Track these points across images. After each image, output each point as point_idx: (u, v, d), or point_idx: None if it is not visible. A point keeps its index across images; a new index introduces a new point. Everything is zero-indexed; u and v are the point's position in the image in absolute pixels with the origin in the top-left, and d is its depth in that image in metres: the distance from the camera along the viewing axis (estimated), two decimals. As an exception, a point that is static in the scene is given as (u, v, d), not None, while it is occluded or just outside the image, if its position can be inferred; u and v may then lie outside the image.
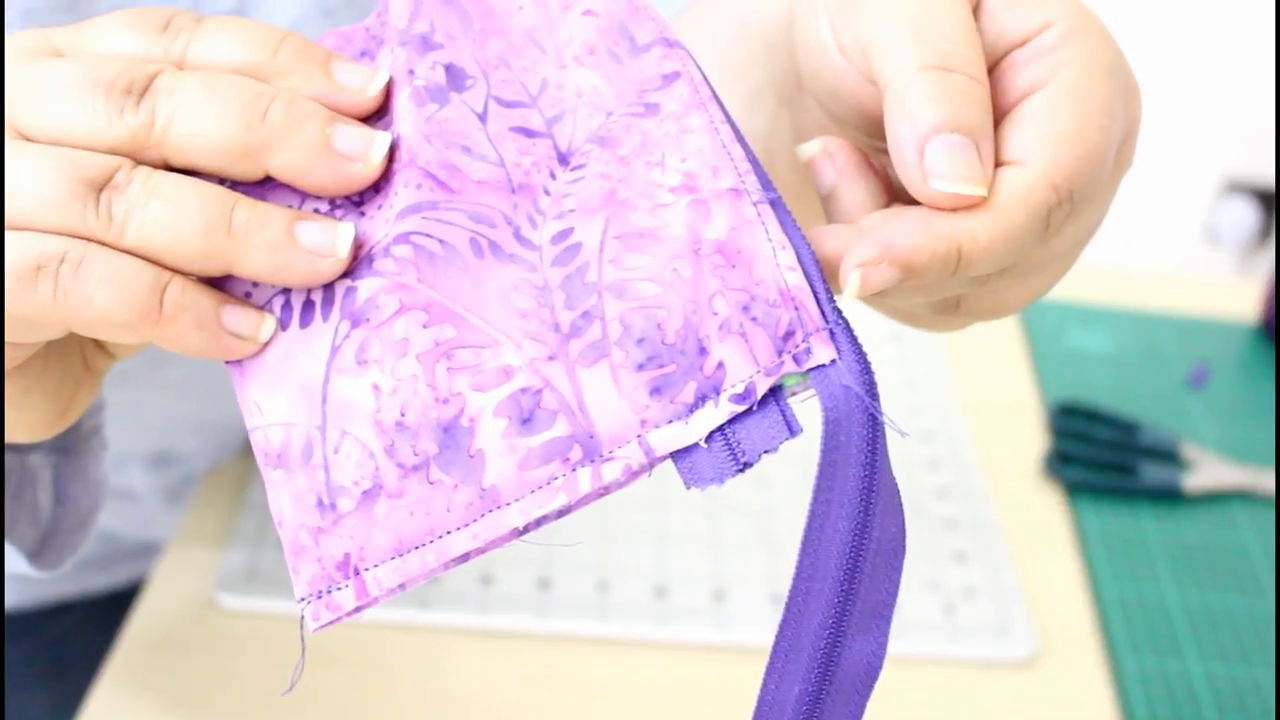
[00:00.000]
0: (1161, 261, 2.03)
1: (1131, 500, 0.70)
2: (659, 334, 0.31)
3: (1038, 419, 0.76)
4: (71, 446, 0.43)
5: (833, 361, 0.31)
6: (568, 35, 0.36)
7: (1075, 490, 0.70)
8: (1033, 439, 0.74)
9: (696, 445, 0.30)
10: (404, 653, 0.58)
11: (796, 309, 0.31)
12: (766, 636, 0.60)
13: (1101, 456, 0.71)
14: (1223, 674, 0.61)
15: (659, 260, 0.32)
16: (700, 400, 0.30)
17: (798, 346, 0.31)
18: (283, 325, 0.32)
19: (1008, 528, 0.68)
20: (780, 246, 0.32)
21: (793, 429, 0.30)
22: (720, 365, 0.31)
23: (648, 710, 0.57)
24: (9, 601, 0.68)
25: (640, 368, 0.31)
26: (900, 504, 0.31)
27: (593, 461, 0.30)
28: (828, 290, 0.32)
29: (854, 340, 0.31)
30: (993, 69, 0.35)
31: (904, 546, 0.31)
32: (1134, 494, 0.70)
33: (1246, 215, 1.96)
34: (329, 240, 0.31)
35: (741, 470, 0.30)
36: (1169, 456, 0.73)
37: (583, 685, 0.58)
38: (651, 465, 0.31)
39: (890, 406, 0.75)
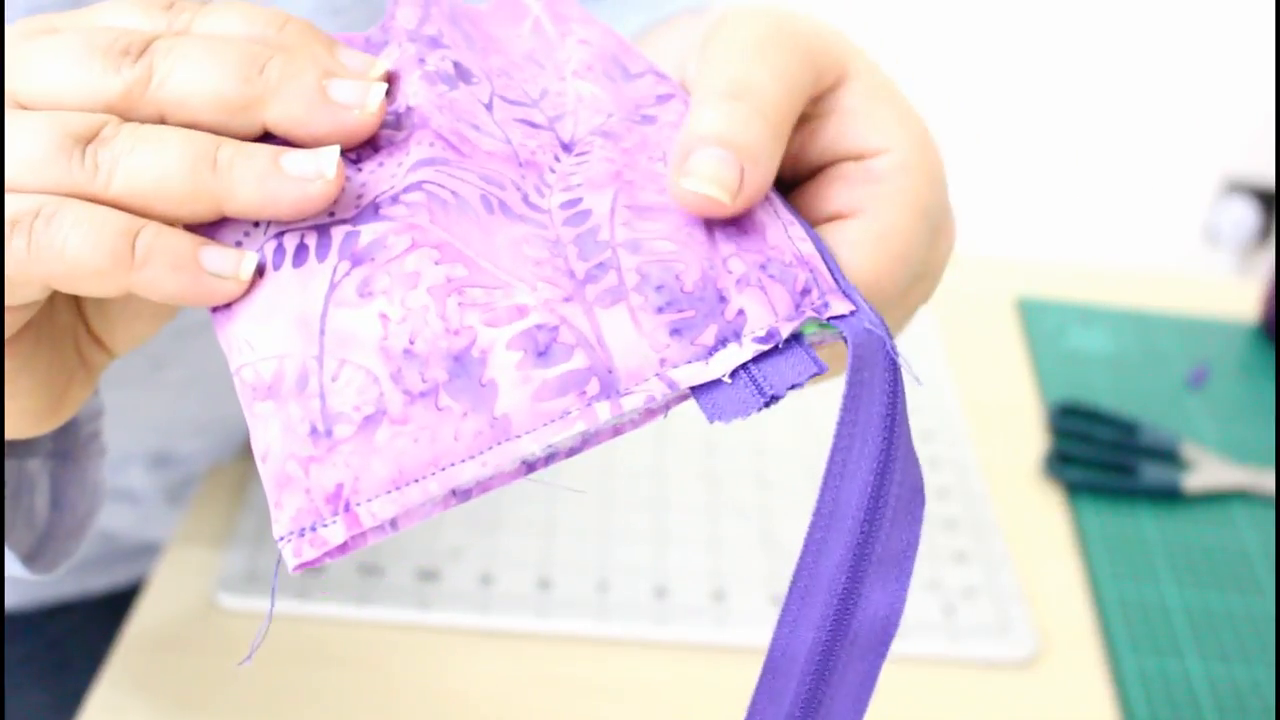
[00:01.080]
0: (1161, 261, 2.03)
1: (1131, 500, 0.70)
2: (677, 283, 0.31)
3: (1038, 419, 0.76)
4: (69, 452, 0.43)
5: (852, 312, 0.31)
6: (565, 55, 0.37)
7: (1075, 490, 0.70)
8: (1033, 439, 0.74)
9: (719, 381, 0.30)
10: (404, 653, 0.58)
11: (811, 270, 0.32)
12: (766, 636, 0.60)
13: (1101, 456, 0.71)
14: (1223, 674, 0.61)
15: (671, 225, 0.32)
16: (721, 342, 0.30)
17: (815, 302, 0.31)
18: (275, 266, 0.32)
19: (1008, 528, 0.68)
20: (789, 223, 0.32)
21: (819, 365, 0.30)
22: (741, 312, 0.31)
23: (648, 710, 0.57)
24: (9, 601, 0.68)
25: (660, 310, 0.31)
26: (916, 456, 0.31)
27: (610, 397, 0.30)
28: (837, 264, 0.32)
29: (867, 302, 0.31)
30: (824, 168, 0.35)
31: (923, 496, 0.31)
32: (1134, 494, 0.70)
33: (1246, 215, 1.96)
34: (314, 165, 0.31)
35: (767, 404, 0.30)
36: (1169, 456, 0.73)
37: (583, 685, 0.58)
38: (671, 402, 0.31)
39: (890, 406, 0.75)
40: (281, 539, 0.29)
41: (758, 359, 0.30)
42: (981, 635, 0.61)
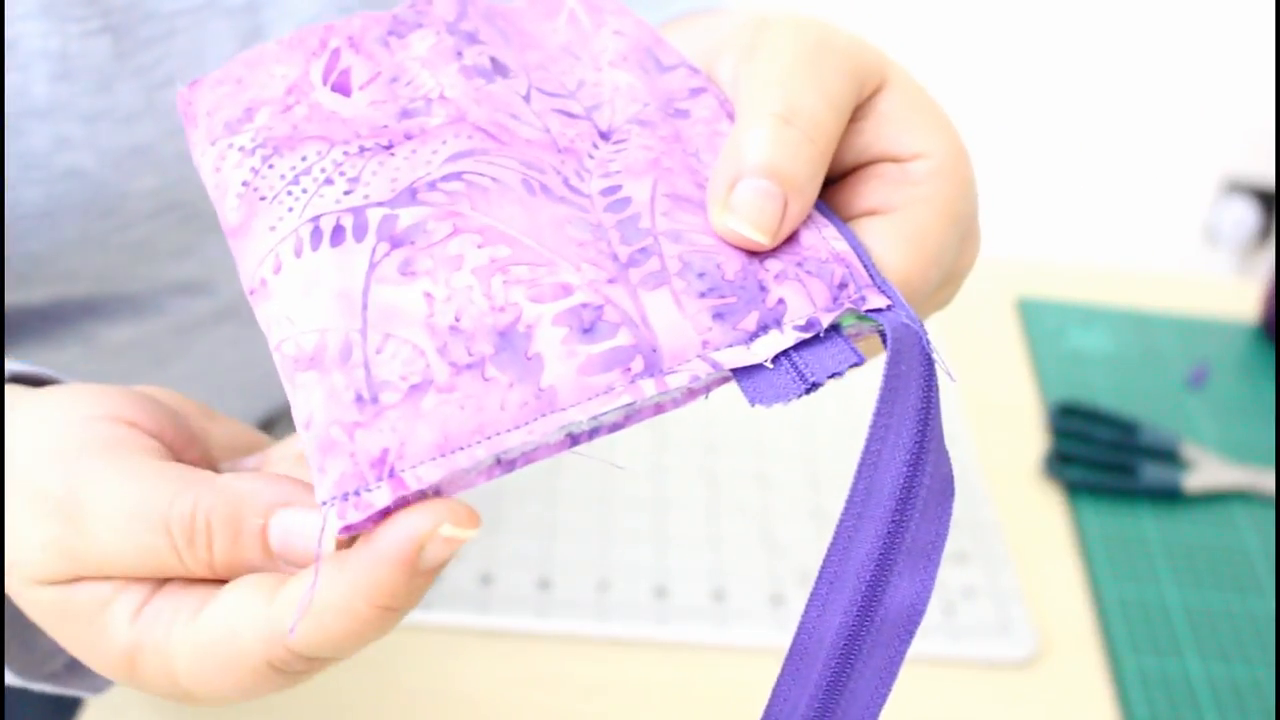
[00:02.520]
0: (1161, 261, 2.03)
1: (1131, 500, 0.70)
2: (719, 271, 0.32)
3: (1038, 419, 0.76)
4: None
5: (889, 307, 0.32)
6: (601, 45, 0.38)
7: (1075, 490, 0.70)
8: (1033, 439, 0.74)
9: (761, 366, 0.31)
10: (404, 652, 0.58)
11: (848, 266, 0.32)
12: (766, 636, 0.60)
13: (1101, 456, 0.71)
14: (1223, 674, 0.61)
15: (709, 221, 0.33)
16: (763, 329, 0.31)
17: (852, 295, 0.32)
18: (313, 247, 0.32)
19: (1008, 528, 0.68)
20: (824, 225, 0.33)
21: (859, 355, 0.31)
22: (781, 301, 0.31)
23: (648, 710, 0.57)
24: (9, 601, 0.68)
25: (702, 295, 0.31)
26: (947, 451, 0.32)
27: (654, 375, 0.30)
28: (872, 262, 0.33)
29: (901, 298, 0.32)
30: (860, 167, 0.36)
31: (953, 489, 0.32)
32: (1134, 494, 0.70)
33: (1246, 215, 1.96)
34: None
35: (809, 390, 0.30)
36: (1169, 456, 0.73)
37: (583, 685, 0.58)
38: (714, 383, 0.31)
39: (890, 406, 0.75)
40: (325, 503, 0.29)
41: (798, 347, 0.31)
42: (981, 635, 0.61)
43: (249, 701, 0.54)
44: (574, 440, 0.30)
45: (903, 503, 0.30)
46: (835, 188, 0.36)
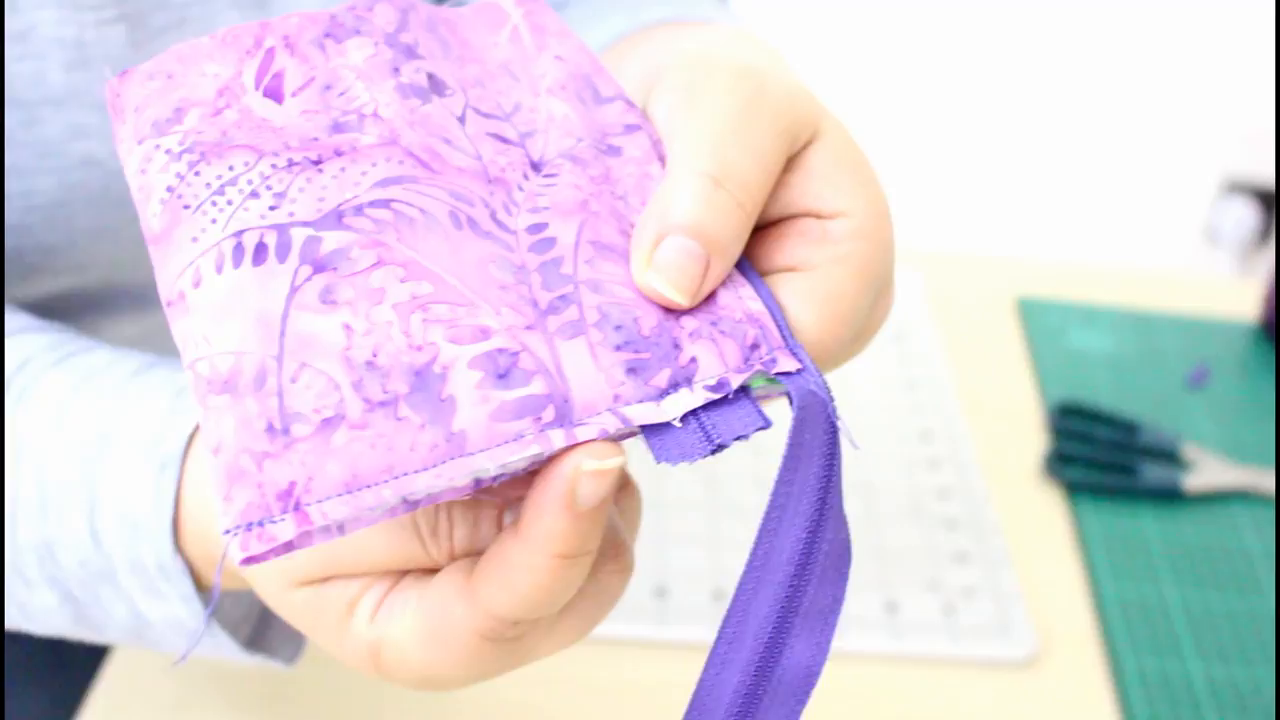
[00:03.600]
0: (1161, 261, 2.03)
1: (1131, 500, 0.70)
2: (635, 326, 0.32)
3: (1038, 419, 0.76)
4: None
5: (799, 370, 0.32)
6: (541, 70, 0.38)
7: (1075, 490, 0.70)
8: (1033, 439, 0.74)
9: (669, 424, 0.31)
10: (404, 653, 0.58)
11: (761, 328, 0.33)
12: (766, 636, 0.60)
13: (1101, 456, 0.71)
14: (1223, 674, 0.61)
15: (631, 273, 0.33)
16: (674, 386, 0.31)
17: (763, 357, 0.32)
18: (234, 264, 0.31)
19: (1008, 528, 0.68)
20: (740, 284, 0.34)
21: (765, 419, 0.31)
22: (693, 360, 0.32)
23: (648, 710, 0.57)
24: (9, 601, 0.68)
25: (618, 348, 0.31)
26: (845, 517, 0.33)
27: (564, 425, 0.30)
28: (786, 323, 0.33)
29: (812, 362, 0.33)
30: (782, 220, 0.36)
31: (850, 555, 0.32)
32: (1134, 494, 0.70)
33: (1246, 215, 1.96)
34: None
35: (714, 451, 0.31)
36: (1169, 456, 0.73)
37: (583, 685, 0.58)
38: (622, 436, 0.31)
39: (890, 406, 0.75)
40: (228, 532, 0.29)
41: (707, 407, 0.31)
42: (981, 635, 0.61)
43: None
44: (479, 484, 0.30)
45: (801, 568, 0.31)
46: (756, 239, 0.37)
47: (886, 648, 0.60)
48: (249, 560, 0.29)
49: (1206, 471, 0.71)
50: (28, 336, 0.43)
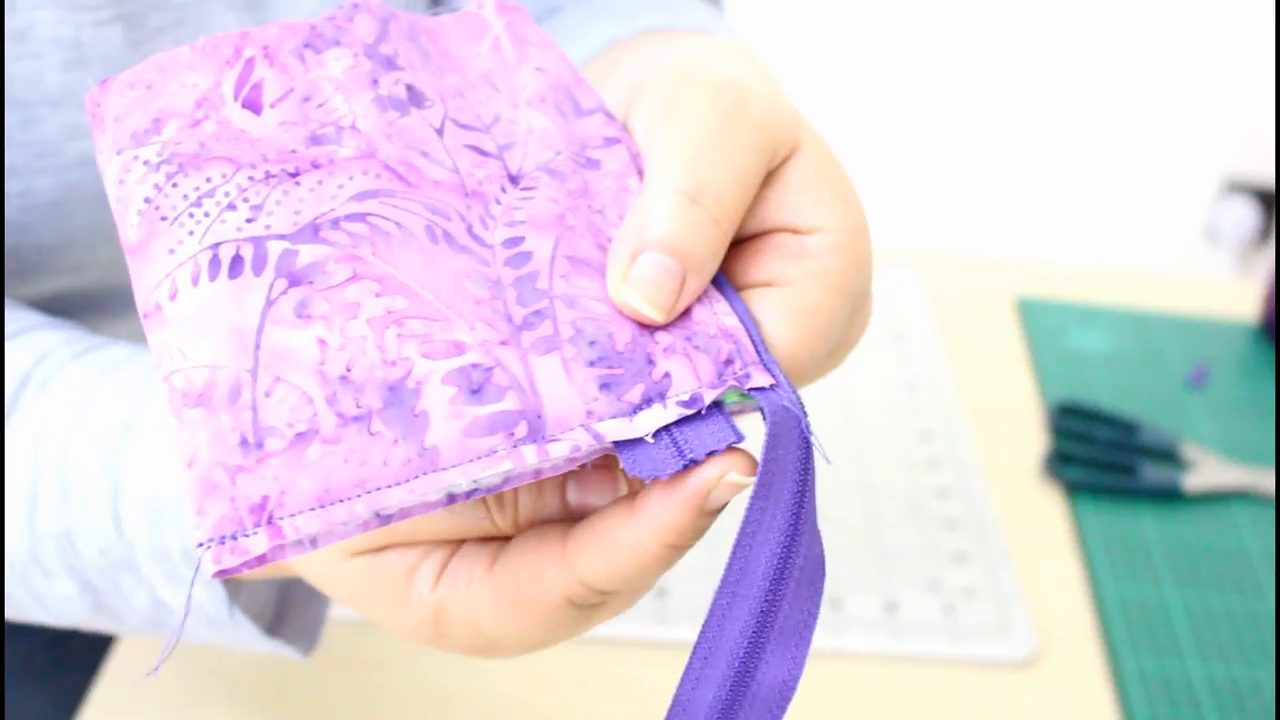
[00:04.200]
0: (1161, 261, 2.03)
1: (1131, 500, 0.70)
2: (610, 341, 0.32)
3: (1038, 419, 0.76)
4: None
5: (772, 386, 0.32)
6: (522, 82, 0.38)
7: (1075, 490, 0.70)
8: (1033, 439, 0.74)
9: (642, 440, 0.31)
10: (404, 653, 0.58)
11: (735, 343, 0.33)
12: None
13: (1101, 456, 0.71)
14: (1223, 674, 0.61)
15: (605, 289, 0.33)
16: (646, 402, 0.31)
17: (737, 372, 0.32)
18: (210, 277, 0.31)
19: (1008, 528, 0.68)
20: (716, 299, 0.34)
21: (738, 434, 0.32)
22: (667, 375, 0.32)
23: (648, 710, 0.57)
24: (9, 601, 0.68)
25: (591, 364, 0.31)
26: (819, 533, 0.33)
27: (537, 441, 0.30)
28: (760, 338, 0.33)
29: (786, 377, 0.33)
30: (760, 234, 0.36)
31: (824, 570, 0.33)
32: (1134, 494, 0.70)
33: (1246, 215, 1.96)
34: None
35: (687, 466, 0.31)
36: (1169, 456, 0.73)
37: (583, 685, 0.58)
38: (595, 452, 0.31)
39: (890, 406, 0.75)
40: (201, 545, 0.29)
41: (680, 422, 0.32)
42: (981, 635, 0.61)
43: (249, 696, 0.54)
44: (452, 499, 0.30)
45: (775, 584, 0.31)
46: (732, 253, 0.37)
47: (886, 648, 0.60)
48: (222, 573, 0.29)
49: (1206, 471, 0.71)
50: (43, 333, 0.43)
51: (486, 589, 0.34)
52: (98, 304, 0.54)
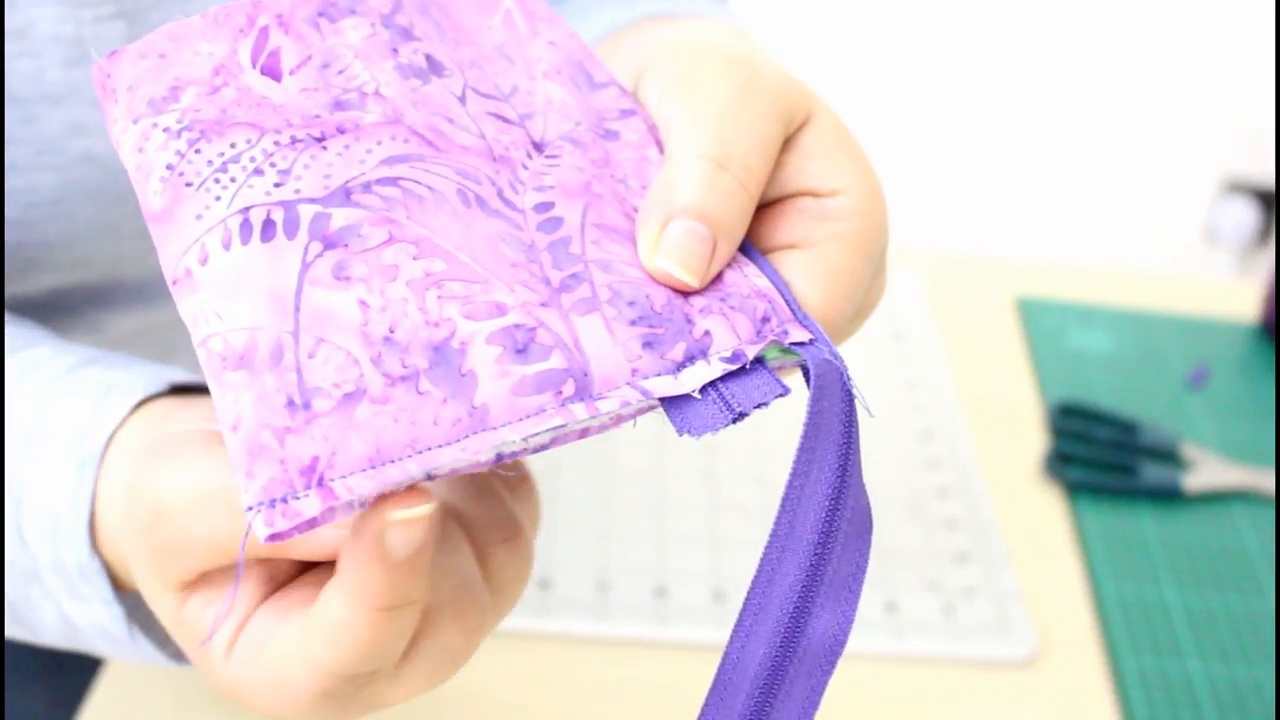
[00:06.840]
0: (1161, 261, 2.03)
1: (1131, 500, 0.70)
2: (648, 301, 0.32)
3: (1038, 419, 0.76)
4: None
5: (811, 341, 0.32)
6: (536, 54, 0.38)
7: (1075, 490, 0.70)
8: (1033, 439, 0.74)
9: (689, 396, 0.31)
10: (404, 652, 0.58)
11: (770, 302, 0.33)
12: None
13: (1101, 456, 0.71)
14: (1223, 674, 0.61)
15: (636, 254, 0.33)
16: (689, 359, 0.32)
17: (775, 329, 0.33)
18: (243, 241, 0.31)
19: (1008, 528, 0.68)
20: (745, 263, 0.34)
21: (784, 387, 0.32)
22: (707, 333, 0.32)
23: (648, 710, 0.57)
24: (9, 601, 0.68)
25: (633, 323, 0.32)
26: (864, 485, 0.33)
27: (585, 399, 0.30)
28: (794, 298, 0.34)
29: (823, 333, 0.33)
30: (781, 199, 0.36)
31: (871, 523, 0.32)
32: (1134, 494, 0.70)
33: (1246, 215, 1.96)
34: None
35: (736, 420, 0.31)
36: (1169, 456, 0.73)
37: (583, 685, 0.58)
38: (642, 410, 0.31)
39: (890, 406, 0.75)
40: (251, 508, 0.28)
41: (725, 378, 0.32)
42: (981, 635, 0.61)
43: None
44: (500, 458, 0.30)
45: (825, 537, 0.31)
46: (755, 218, 0.37)
47: (886, 648, 0.60)
48: (274, 537, 0.28)
49: (1206, 471, 0.71)
50: None
51: (258, 679, 0.33)
52: (100, 299, 0.54)
